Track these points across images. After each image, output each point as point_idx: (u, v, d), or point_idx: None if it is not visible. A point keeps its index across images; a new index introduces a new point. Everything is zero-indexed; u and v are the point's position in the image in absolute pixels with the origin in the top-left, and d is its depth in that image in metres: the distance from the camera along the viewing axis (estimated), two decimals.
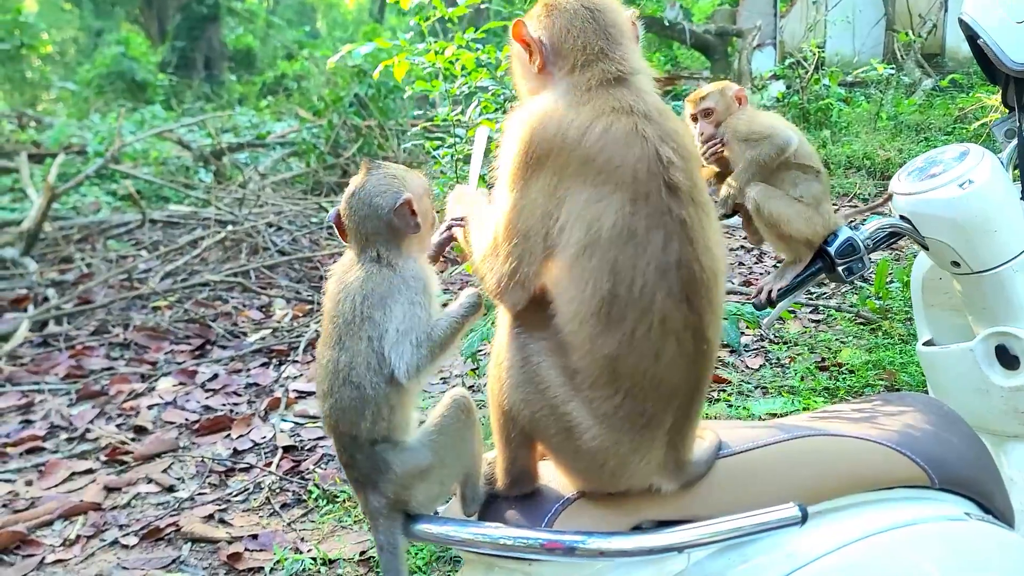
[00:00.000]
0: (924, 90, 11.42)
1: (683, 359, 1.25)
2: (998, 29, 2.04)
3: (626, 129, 1.26)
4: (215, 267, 7.17)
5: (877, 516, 1.34)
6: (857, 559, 1.26)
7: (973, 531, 1.40)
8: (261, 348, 5.48)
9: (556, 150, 1.27)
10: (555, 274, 1.30)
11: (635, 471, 1.28)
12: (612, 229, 1.23)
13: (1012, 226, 2.04)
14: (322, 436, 4.22)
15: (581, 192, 1.25)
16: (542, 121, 1.30)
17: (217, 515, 3.57)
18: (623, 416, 1.26)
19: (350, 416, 1.34)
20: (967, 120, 9.49)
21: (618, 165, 1.25)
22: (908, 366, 4.34)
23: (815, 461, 1.37)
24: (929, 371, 2.34)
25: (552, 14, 1.40)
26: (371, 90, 10.22)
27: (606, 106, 1.29)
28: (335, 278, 1.44)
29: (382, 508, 1.34)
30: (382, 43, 2.81)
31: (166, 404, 4.70)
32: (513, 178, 1.32)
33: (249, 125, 13.82)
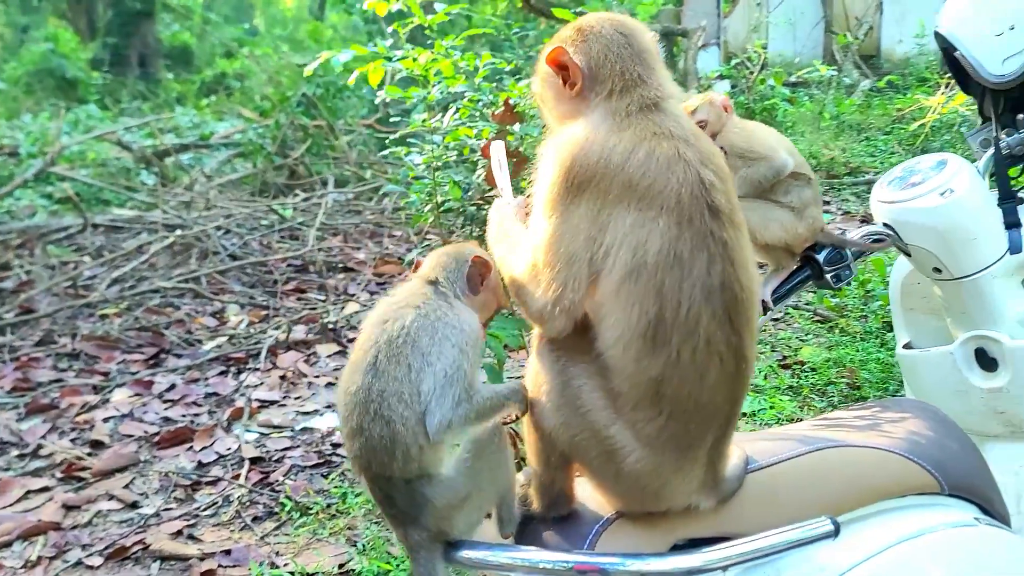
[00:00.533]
0: (863, 91, 11.73)
1: (725, 379, 1.26)
2: (975, 42, 2.10)
3: (668, 154, 1.27)
4: (164, 273, 6.98)
5: (897, 525, 1.37)
6: (886, 569, 1.29)
7: (984, 535, 1.45)
8: (218, 356, 5.35)
9: (599, 176, 1.27)
10: (597, 298, 1.29)
11: (676, 491, 1.28)
12: (659, 253, 1.23)
13: (990, 233, 2.11)
14: (290, 447, 4.15)
15: (626, 216, 1.25)
16: (583, 147, 1.29)
17: (186, 531, 3.48)
18: (666, 438, 1.26)
19: (381, 457, 1.28)
20: (905, 120, 9.79)
21: (662, 189, 1.25)
22: (867, 363, 4.46)
23: (836, 473, 1.39)
24: (909, 374, 2.41)
25: (588, 39, 1.40)
26: (319, 90, 10.06)
27: (647, 131, 1.29)
28: (386, 302, 1.40)
29: (424, 541, 1.31)
30: (360, 50, 2.77)
31: (122, 416, 4.56)
32: (554, 203, 1.31)
33: (191, 125, 13.50)
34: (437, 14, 2.77)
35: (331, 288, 6.83)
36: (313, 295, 6.72)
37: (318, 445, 4.18)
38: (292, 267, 7.29)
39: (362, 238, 8.27)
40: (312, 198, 9.20)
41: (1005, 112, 2.16)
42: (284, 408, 4.64)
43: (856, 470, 1.41)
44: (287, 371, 5.12)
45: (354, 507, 3.50)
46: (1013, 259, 2.11)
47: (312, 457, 4.04)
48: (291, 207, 8.83)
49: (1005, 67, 2.05)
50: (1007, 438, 2.15)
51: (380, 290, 6.88)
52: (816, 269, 2.16)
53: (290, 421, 4.46)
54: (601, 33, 1.39)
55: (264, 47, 20.56)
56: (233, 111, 15.58)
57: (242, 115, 13.85)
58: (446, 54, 2.80)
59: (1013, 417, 2.14)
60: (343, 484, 3.73)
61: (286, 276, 7.00)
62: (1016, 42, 2.04)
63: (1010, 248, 2.10)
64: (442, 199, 3.06)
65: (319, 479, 3.84)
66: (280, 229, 8.11)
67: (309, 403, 4.70)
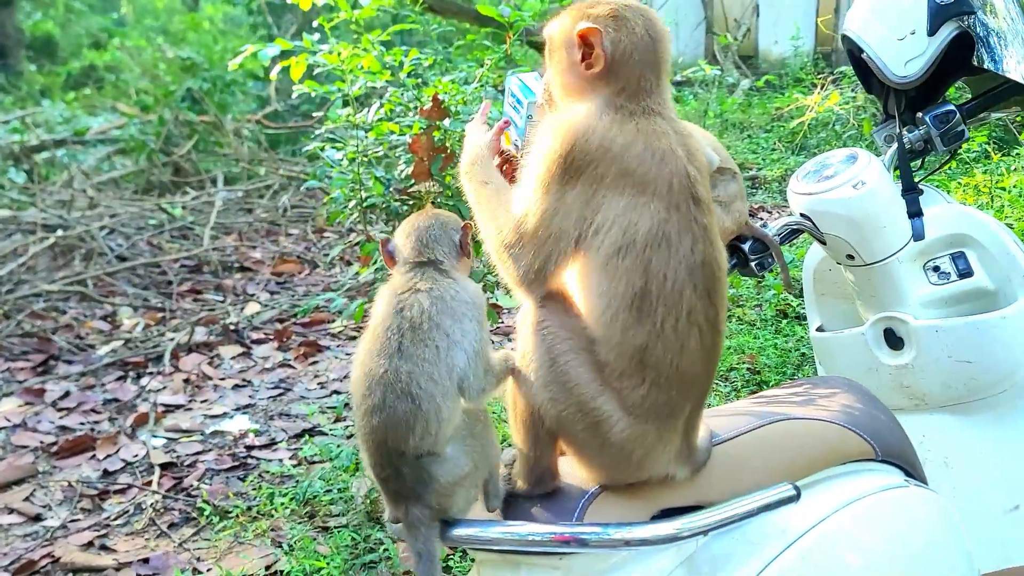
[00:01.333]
0: (743, 90, 12.27)
1: (703, 349, 1.36)
2: (880, 45, 2.27)
3: (664, 149, 1.39)
4: (46, 276, 6.61)
5: (844, 489, 1.49)
6: (840, 528, 1.40)
7: (914, 495, 1.59)
8: (114, 361, 5.13)
9: (597, 161, 1.36)
10: (585, 273, 1.37)
11: (657, 460, 1.36)
12: (648, 233, 1.34)
13: (897, 222, 2.29)
14: (202, 451, 4.04)
15: (619, 200, 1.35)
16: (586, 134, 1.38)
17: (97, 542, 3.34)
18: (649, 406, 1.34)
19: (401, 431, 1.33)
20: (784, 119, 10.30)
21: (655, 178, 1.36)
22: (766, 349, 4.70)
23: (789, 443, 1.50)
24: (823, 354, 2.58)
25: (621, 32, 1.44)
26: (206, 84, 9.73)
27: (647, 130, 1.40)
28: (387, 295, 1.44)
29: (424, 519, 1.34)
30: (284, 44, 2.72)
31: (14, 427, 4.32)
32: (549, 180, 1.38)
33: (61, 120, 12.76)
34: (365, 8, 2.76)
35: (228, 288, 6.64)
36: (210, 296, 6.52)
37: (231, 448, 4.08)
38: (186, 267, 7.05)
39: (257, 236, 8.07)
40: (202, 196, 8.89)
41: (906, 110, 2.35)
42: (191, 412, 4.50)
43: (805, 440, 1.53)
44: (191, 374, 4.96)
45: (279, 508, 3.44)
46: (916, 246, 2.30)
47: (227, 460, 3.94)
48: (180, 205, 8.51)
49: (907, 68, 2.23)
50: (911, 410, 2.33)
51: (280, 289, 6.75)
52: (742, 258, 2.30)
53: (199, 425, 4.33)
54: (634, 31, 1.45)
55: (136, 39, 19.65)
56: (106, 105, 14.84)
57: (117, 109, 13.20)
58: (372, 48, 2.79)
59: (917, 391, 2.33)
60: (263, 485, 3.65)
61: (180, 277, 6.76)
62: (917, 46, 2.22)
63: (914, 235, 2.28)
64: (365, 195, 3.04)
65: (236, 482, 3.75)
66: (170, 229, 7.80)
67: (217, 406, 4.57)
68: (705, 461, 1.41)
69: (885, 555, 1.48)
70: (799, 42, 12.39)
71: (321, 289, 6.60)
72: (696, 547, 1.32)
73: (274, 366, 5.15)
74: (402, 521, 1.38)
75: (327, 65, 2.83)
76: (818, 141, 9.05)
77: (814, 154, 9.12)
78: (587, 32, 1.43)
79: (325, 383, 4.87)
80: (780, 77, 12.22)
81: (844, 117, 9.04)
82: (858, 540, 1.43)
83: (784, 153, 9.30)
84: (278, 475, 3.77)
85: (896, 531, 1.51)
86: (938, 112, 2.26)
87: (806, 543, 1.36)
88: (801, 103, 9.72)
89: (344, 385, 4.81)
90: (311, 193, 9.12)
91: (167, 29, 24.73)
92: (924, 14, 2.19)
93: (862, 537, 1.44)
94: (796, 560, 1.34)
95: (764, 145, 9.80)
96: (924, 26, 2.19)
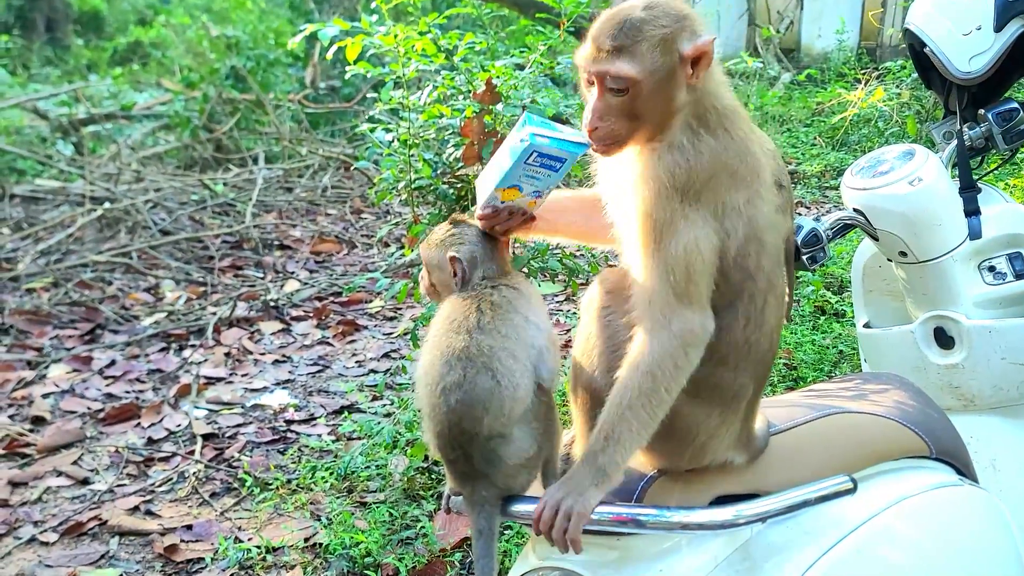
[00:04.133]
0: (784, 83, 12.14)
1: (777, 324, 1.40)
2: (944, 40, 2.25)
3: (754, 140, 1.42)
4: (93, 247, 6.74)
5: (899, 484, 1.50)
6: (894, 523, 1.41)
7: (967, 494, 1.59)
8: (158, 332, 5.23)
9: (716, 175, 1.35)
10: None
11: (718, 445, 1.38)
12: (765, 219, 1.38)
13: (953, 220, 2.27)
14: (242, 423, 4.11)
15: (737, 197, 1.36)
16: (694, 157, 1.34)
17: (142, 507, 3.43)
18: (713, 388, 1.36)
19: (477, 411, 1.34)
20: (825, 114, 10.18)
21: (759, 169, 1.40)
22: (803, 345, 4.67)
23: (845, 436, 1.51)
24: (869, 351, 2.57)
25: (699, 31, 1.37)
26: (249, 63, 9.81)
27: (740, 132, 1.40)
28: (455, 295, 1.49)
29: (490, 497, 1.38)
30: (342, 24, 2.75)
31: (63, 392, 4.43)
32: (674, 219, 1.32)
33: (108, 95, 12.95)
34: None
35: (268, 265, 6.73)
36: (251, 272, 6.61)
37: (271, 422, 4.15)
38: (227, 243, 7.14)
39: (296, 215, 8.15)
40: (243, 174, 9.00)
41: (968, 107, 2.32)
42: (232, 385, 4.58)
43: (861, 434, 1.53)
44: (232, 348, 5.04)
45: (319, 482, 3.49)
46: (972, 245, 2.28)
47: (267, 433, 4.01)
48: (222, 182, 8.62)
49: (971, 65, 2.21)
50: (960, 411, 2.32)
51: (319, 268, 6.82)
52: (794, 251, 2.29)
53: (240, 398, 4.41)
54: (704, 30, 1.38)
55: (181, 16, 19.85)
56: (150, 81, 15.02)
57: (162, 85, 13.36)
58: (428, 31, 2.81)
59: (967, 391, 2.31)
60: (303, 459, 3.72)
61: (222, 252, 6.86)
62: (982, 42, 2.19)
63: (970, 234, 2.26)
64: (414, 176, 3.07)
65: (276, 455, 3.82)
66: (212, 205, 7.91)
67: (257, 380, 4.65)
68: (763, 449, 1.42)
69: (938, 552, 1.48)
70: (844, 36, 12.21)
71: (359, 269, 6.66)
72: (751, 534, 1.33)
73: (313, 343, 5.22)
74: (465, 498, 1.41)
75: (383, 47, 2.86)
76: (859, 137, 8.94)
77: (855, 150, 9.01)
78: (706, 46, 1.34)
79: (363, 362, 4.93)
80: (822, 71, 12.07)
81: (887, 114, 8.92)
82: (912, 536, 1.44)
83: (824, 148, 9.19)
84: (317, 450, 3.83)
85: (949, 529, 1.52)
86: (1001, 109, 2.23)
87: (861, 536, 1.37)
88: (843, 98, 9.60)
89: (381, 364, 4.87)
90: (349, 174, 9.20)
91: (211, 7, 24.94)
92: (991, 10, 2.17)
93: (916, 533, 1.45)
94: (850, 552, 1.35)
95: (804, 140, 9.69)
96: (990, 22, 2.17)
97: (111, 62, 18.84)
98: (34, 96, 10.53)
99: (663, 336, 1.29)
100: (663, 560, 1.30)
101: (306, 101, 11.05)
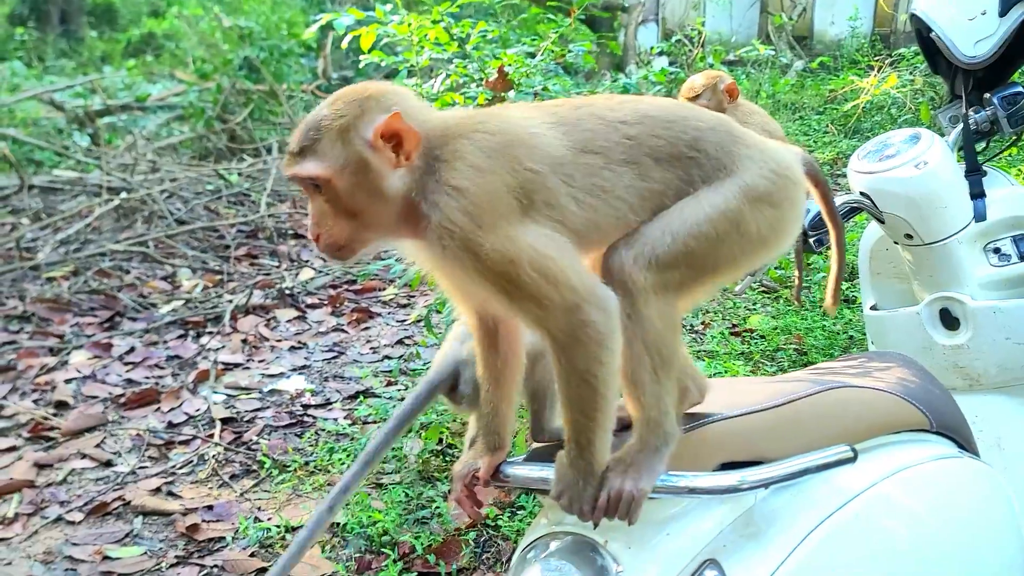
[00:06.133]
0: (796, 71, 12.11)
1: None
2: (950, 25, 2.29)
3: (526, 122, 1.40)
4: (111, 236, 6.84)
5: (899, 455, 1.54)
6: (894, 492, 1.46)
7: (967, 466, 1.64)
8: (175, 320, 5.31)
9: (494, 191, 1.33)
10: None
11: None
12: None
13: (959, 203, 2.31)
14: (260, 408, 4.19)
15: (532, 179, 1.34)
16: (464, 193, 1.30)
17: (164, 488, 3.50)
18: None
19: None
20: (837, 101, 10.15)
21: (536, 145, 1.36)
22: (813, 330, 4.71)
23: (846, 409, 1.56)
24: (876, 333, 2.61)
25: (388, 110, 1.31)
26: (263, 53, 9.88)
27: (488, 128, 1.35)
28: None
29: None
30: (357, 14, 2.80)
31: (84, 378, 4.52)
32: (502, 247, 1.29)
33: (123, 86, 13.07)
34: None
35: (283, 254, 6.81)
36: (266, 260, 6.69)
37: (288, 406, 4.23)
38: (242, 232, 7.23)
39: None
40: (256, 164, 9.08)
41: (974, 91, 2.36)
42: (249, 371, 4.66)
43: (861, 407, 1.58)
44: (248, 335, 5.12)
45: (336, 463, 3.57)
46: (977, 226, 2.32)
47: (284, 418, 4.09)
48: (236, 172, 8.71)
49: (976, 49, 2.24)
50: (965, 391, 2.37)
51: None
52: (800, 234, 2.33)
53: (257, 383, 4.48)
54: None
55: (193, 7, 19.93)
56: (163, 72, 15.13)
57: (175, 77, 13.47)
58: (441, 20, 2.86)
59: (971, 371, 2.36)
60: (320, 442, 3.80)
61: (237, 241, 6.94)
62: (987, 26, 2.23)
63: (975, 216, 2.30)
64: None
65: (293, 438, 3.90)
66: (227, 194, 7.99)
67: (274, 366, 4.72)
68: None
69: (937, 521, 1.53)
70: (857, 23, 12.16)
71: (371, 257, 6.72)
72: (754, 501, 1.38)
73: (328, 330, 5.29)
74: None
75: (396, 36, 2.91)
76: (872, 124, 8.92)
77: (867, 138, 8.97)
78: (391, 125, 1.28)
79: (377, 348, 5.00)
80: (835, 59, 12.03)
81: (901, 100, 8.90)
82: (911, 505, 1.49)
83: (837, 136, 9.17)
84: (333, 433, 3.91)
85: (949, 498, 1.57)
86: (1006, 93, 2.27)
87: (860, 504, 1.41)
88: (856, 85, 9.58)
89: (395, 351, 4.94)
90: None
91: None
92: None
93: (915, 502, 1.50)
94: (850, 519, 1.40)
95: (816, 127, 9.67)
96: (995, 7, 2.20)
97: (124, 54, 18.97)
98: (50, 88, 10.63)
99: (577, 349, 1.24)
100: (670, 524, 1.35)
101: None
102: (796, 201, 1.42)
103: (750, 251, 1.38)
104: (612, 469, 1.30)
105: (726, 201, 1.33)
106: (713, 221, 1.31)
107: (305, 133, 1.29)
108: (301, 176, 1.29)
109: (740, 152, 1.38)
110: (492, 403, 1.46)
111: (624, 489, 1.27)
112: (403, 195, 1.29)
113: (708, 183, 1.35)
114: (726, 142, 1.38)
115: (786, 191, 1.39)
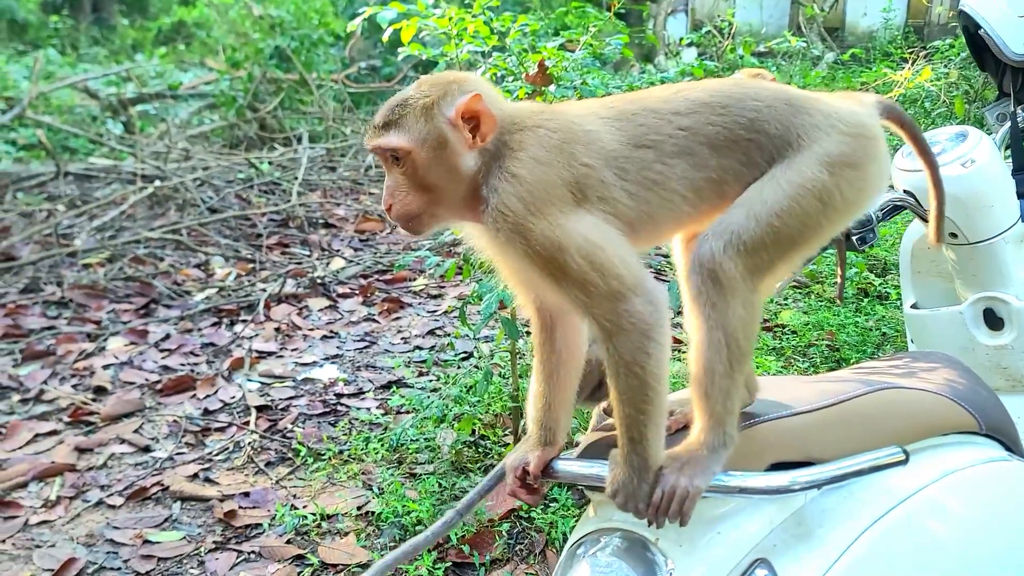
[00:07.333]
0: (827, 63, 11.98)
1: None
2: (999, 21, 2.26)
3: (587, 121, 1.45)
4: (145, 223, 6.93)
5: (949, 457, 1.54)
6: (945, 494, 1.46)
7: (1017, 469, 1.63)
8: (209, 308, 5.38)
9: (548, 180, 1.38)
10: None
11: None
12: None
13: (1005, 202, 2.29)
14: (294, 396, 4.24)
15: (587, 173, 1.38)
16: (522, 180, 1.35)
17: (201, 474, 3.56)
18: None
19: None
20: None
21: (597, 141, 1.42)
22: (846, 327, 4.68)
23: (895, 410, 1.55)
24: (916, 332, 2.59)
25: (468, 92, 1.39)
26: (293, 43, 9.93)
27: (552, 125, 1.42)
28: None
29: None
30: (399, 7, 2.82)
31: (122, 364, 4.59)
32: (554, 236, 1.34)
33: (154, 74, 13.19)
34: None
35: (314, 243, 6.87)
36: (297, 249, 6.75)
37: (321, 395, 4.27)
38: (274, 221, 7.29)
39: (340, 194, 8.28)
40: (287, 153, 9.14)
41: (1022, 88, 2.33)
42: (283, 359, 4.71)
43: (911, 409, 1.58)
44: (281, 323, 5.18)
45: (371, 453, 3.61)
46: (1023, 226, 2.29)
47: (318, 406, 4.13)
48: (267, 161, 8.77)
49: None
50: (1008, 391, 2.34)
51: (363, 246, 6.94)
52: (843, 232, 2.32)
53: (291, 372, 4.53)
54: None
55: None
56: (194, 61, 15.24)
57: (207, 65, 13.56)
58: (481, 13, 2.86)
59: (1015, 372, 2.34)
60: (354, 431, 3.83)
61: (269, 230, 7.01)
62: None
63: (1022, 216, 2.28)
64: None
65: (327, 427, 3.94)
66: (258, 183, 8.06)
67: (307, 355, 4.77)
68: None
69: (986, 524, 1.52)
70: (890, 14, 12.00)
71: (401, 248, 6.77)
72: (805, 501, 1.39)
73: (359, 320, 5.33)
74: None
75: (436, 29, 2.92)
76: None
77: None
78: (470, 105, 1.36)
79: (408, 338, 5.03)
80: (867, 51, 11.88)
81: (934, 94, 8.78)
82: (960, 508, 1.49)
83: None
84: (367, 422, 3.95)
85: (998, 502, 1.56)
86: None
87: (911, 506, 1.41)
88: (889, 78, 9.45)
89: (426, 341, 4.97)
90: None
91: None
92: None
93: (964, 505, 1.49)
94: (901, 521, 1.40)
95: None
96: None
97: (156, 42, 19.13)
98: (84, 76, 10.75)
99: (622, 338, 1.27)
100: (721, 523, 1.36)
101: (348, 81, 11.17)
102: (876, 155, 1.41)
103: (836, 217, 1.38)
104: (667, 466, 1.30)
105: (802, 175, 1.34)
106: (794, 197, 1.32)
107: (391, 109, 1.37)
108: (384, 147, 1.36)
109: (804, 122, 1.38)
110: (546, 398, 1.48)
111: (679, 486, 1.28)
112: (472, 176, 1.36)
113: (779, 161, 1.36)
114: (787, 116, 1.38)
115: (863, 149, 1.39)
